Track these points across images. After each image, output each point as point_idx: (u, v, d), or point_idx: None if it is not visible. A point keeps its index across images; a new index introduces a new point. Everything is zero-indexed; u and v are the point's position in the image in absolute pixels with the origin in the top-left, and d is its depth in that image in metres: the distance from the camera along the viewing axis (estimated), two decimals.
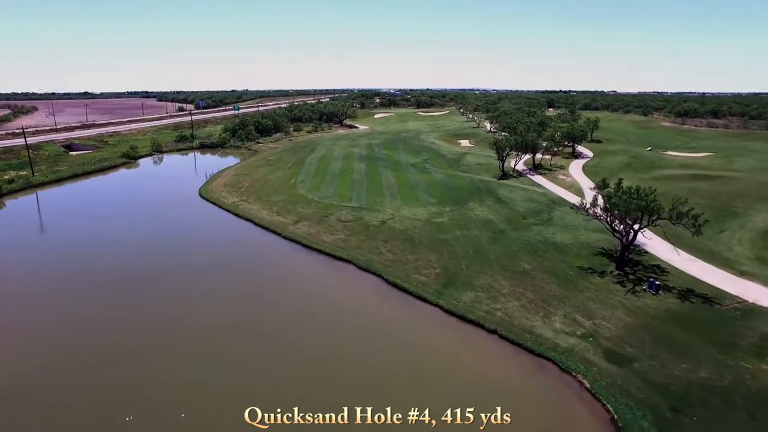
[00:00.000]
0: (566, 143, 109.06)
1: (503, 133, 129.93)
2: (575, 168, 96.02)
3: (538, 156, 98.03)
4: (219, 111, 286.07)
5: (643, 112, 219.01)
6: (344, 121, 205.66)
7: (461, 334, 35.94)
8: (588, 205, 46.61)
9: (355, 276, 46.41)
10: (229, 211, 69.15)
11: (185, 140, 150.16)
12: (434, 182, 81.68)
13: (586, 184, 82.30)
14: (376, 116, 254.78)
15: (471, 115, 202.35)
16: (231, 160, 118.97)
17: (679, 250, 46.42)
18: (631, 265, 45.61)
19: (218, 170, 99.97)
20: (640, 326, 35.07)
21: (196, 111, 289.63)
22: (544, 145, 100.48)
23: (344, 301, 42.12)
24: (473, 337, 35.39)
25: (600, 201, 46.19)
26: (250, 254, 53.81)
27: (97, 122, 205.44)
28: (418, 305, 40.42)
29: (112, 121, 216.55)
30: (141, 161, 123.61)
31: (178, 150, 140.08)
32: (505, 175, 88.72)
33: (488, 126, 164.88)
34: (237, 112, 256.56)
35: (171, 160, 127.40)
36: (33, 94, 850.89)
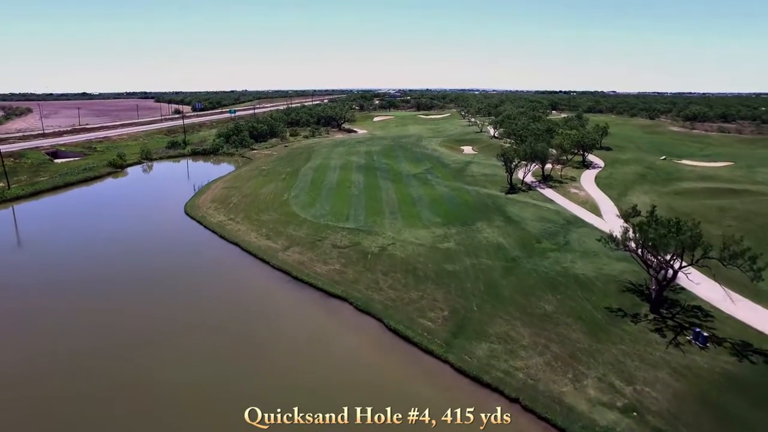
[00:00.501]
0: (576, 151, 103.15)
1: (508, 140, 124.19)
2: (587, 180, 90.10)
3: (548, 166, 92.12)
4: (215, 114, 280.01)
5: (649, 116, 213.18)
6: (342, 125, 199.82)
7: (477, 402, 29.95)
8: (619, 238, 40.42)
9: (352, 320, 40.45)
10: (214, 232, 63.16)
11: (177, 146, 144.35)
12: (438, 197, 75.75)
13: (601, 198, 76.41)
14: (376, 119, 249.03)
15: (473, 119, 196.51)
16: (223, 169, 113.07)
17: (730, 292, 40.24)
18: (668, 306, 39.67)
19: (208, 181, 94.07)
20: (693, 396, 29.16)
21: (191, 114, 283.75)
22: (554, 154, 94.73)
23: (338, 355, 36.12)
24: (492, 409, 29.40)
25: (631, 233, 40.10)
26: (232, 290, 47.75)
27: (88, 126, 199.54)
28: (424, 360, 34.49)
29: (104, 124, 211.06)
30: (129, 170, 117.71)
31: (169, 157, 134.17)
32: (513, 188, 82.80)
33: (492, 131, 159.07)
34: (233, 115, 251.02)
35: (160, 168, 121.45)
36: (30, 94, 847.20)
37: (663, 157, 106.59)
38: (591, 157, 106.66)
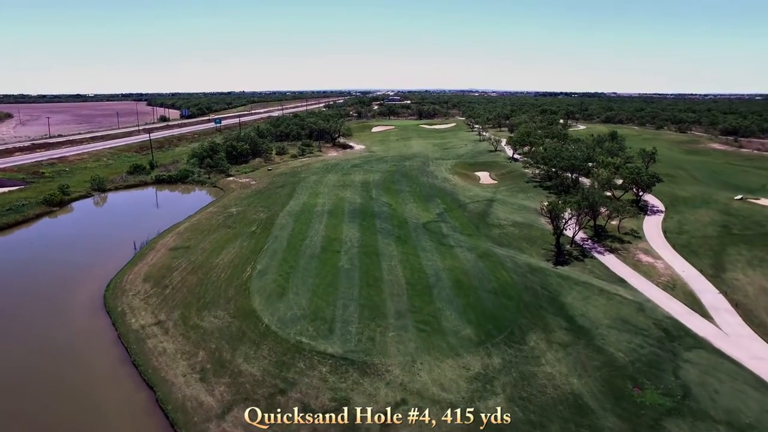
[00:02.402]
0: (630, 188, 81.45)
1: (536, 169, 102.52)
2: (653, 234, 68.27)
3: (601, 210, 69.93)
4: (200, 123, 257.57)
5: (679, 129, 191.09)
6: (337, 139, 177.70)
7: None
8: None
9: None
10: (128, 351, 41.19)
11: (140, 171, 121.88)
12: (462, 275, 53.84)
13: (691, 275, 54.43)
14: (375, 129, 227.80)
15: (485, 133, 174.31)
16: (185, 207, 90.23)
17: None
18: None
19: (158, 232, 72.24)
20: None
21: (174, 123, 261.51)
22: (596, 189, 72.98)
23: None
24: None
25: None
26: None
27: (50, 141, 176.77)
28: None
29: (71, 138, 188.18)
30: (75, 205, 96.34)
31: (128, 186, 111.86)
32: (561, 252, 61.08)
33: (509, 151, 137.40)
34: (218, 125, 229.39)
35: (112, 204, 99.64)
36: (23, 96, 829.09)
37: (739, 197, 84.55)
38: (646, 196, 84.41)
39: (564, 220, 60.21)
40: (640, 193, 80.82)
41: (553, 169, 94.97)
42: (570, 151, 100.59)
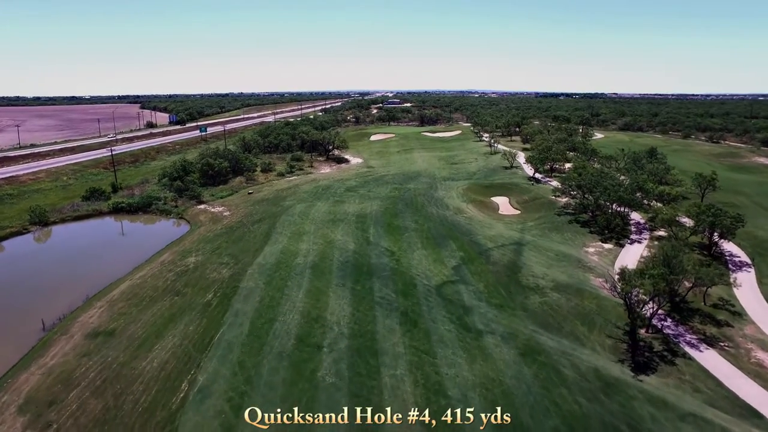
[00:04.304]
0: (706, 234, 63.15)
1: (570, 195, 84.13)
2: (756, 308, 49.79)
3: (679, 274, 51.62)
4: (185, 132, 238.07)
5: (710, 138, 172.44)
6: (332, 151, 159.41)
7: None
8: None
9: None
10: None
11: (98, 196, 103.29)
12: (504, 400, 35.42)
13: None
14: (373, 138, 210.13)
15: (497, 145, 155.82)
16: (135, 252, 71.32)
17: None
18: None
19: (85, 298, 54.26)
20: None
21: (158, 130, 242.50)
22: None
23: None
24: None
25: None
26: None
27: (12, 154, 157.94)
28: None
29: (38, 150, 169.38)
30: (7, 243, 78.65)
31: (78, 217, 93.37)
32: (636, 345, 42.82)
33: (527, 168, 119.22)
34: (204, 133, 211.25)
35: (50, 243, 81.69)
36: (18, 98, 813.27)
37: None
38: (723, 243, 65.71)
39: (644, 303, 41.90)
40: (717, 240, 62.38)
41: (592, 199, 76.72)
42: (612, 176, 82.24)
